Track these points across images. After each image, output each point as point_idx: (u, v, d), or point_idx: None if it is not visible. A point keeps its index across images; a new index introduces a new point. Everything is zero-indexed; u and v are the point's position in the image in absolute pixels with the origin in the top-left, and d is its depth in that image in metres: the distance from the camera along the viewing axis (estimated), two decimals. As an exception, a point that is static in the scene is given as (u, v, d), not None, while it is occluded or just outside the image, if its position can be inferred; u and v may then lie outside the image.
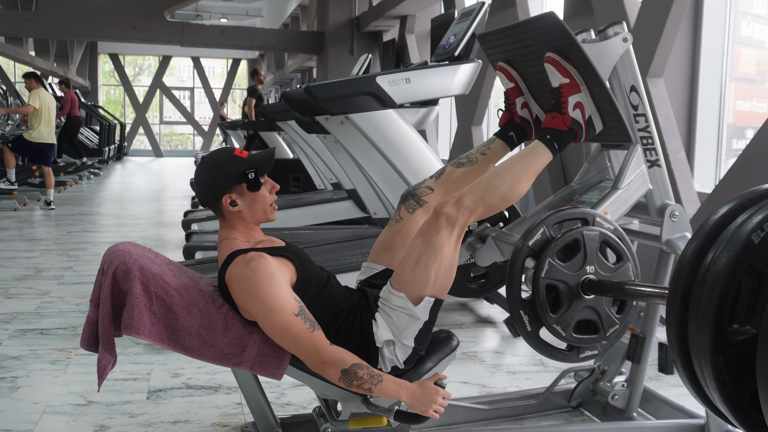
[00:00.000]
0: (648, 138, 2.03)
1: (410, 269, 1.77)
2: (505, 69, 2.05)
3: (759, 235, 1.11)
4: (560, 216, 1.76)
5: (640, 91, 2.01)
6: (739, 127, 4.38)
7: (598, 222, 1.77)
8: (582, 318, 1.73)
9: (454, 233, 1.76)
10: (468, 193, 1.78)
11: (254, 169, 1.83)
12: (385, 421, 1.88)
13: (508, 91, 2.06)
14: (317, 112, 3.38)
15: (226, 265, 1.79)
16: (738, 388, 1.11)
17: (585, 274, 1.72)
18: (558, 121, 1.84)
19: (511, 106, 2.05)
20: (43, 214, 7.75)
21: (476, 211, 1.78)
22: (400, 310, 1.78)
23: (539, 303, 1.69)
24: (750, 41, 4.33)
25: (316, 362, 1.72)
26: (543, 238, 1.71)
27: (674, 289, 1.20)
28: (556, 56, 1.83)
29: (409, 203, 2.04)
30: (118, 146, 19.05)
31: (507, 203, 1.84)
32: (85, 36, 14.01)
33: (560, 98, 1.84)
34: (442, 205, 1.76)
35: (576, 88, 1.84)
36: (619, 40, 1.95)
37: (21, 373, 2.76)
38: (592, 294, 1.72)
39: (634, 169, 2.02)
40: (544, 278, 1.69)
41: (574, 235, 1.71)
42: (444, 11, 8.72)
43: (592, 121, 1.87)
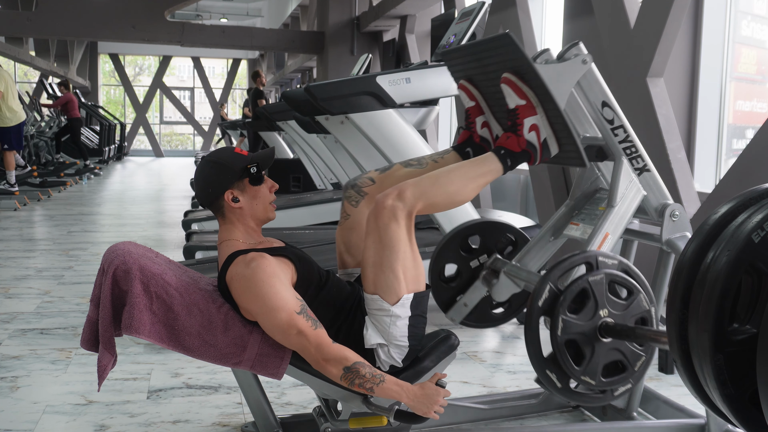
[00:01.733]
0: (631, 147, 2.03)
1: (374, 273, 1.75)
2: (466, 87, 2.02)
3: (759, 235, 1.11)
4: (563, 267, 1.76)
5: (612, 105, 2.02)
6: (740, 127, 4.38)
7: (602, 262, 1.77)
8: (608, 361, 1.75)
9: (402, 225, 1.72)
10: (411, 185, 1.74)
11: (256, 163, 1.85)
12: (385, 421, 1.88)
13: (468, 110, 2.03)
14: (317, 112, 3.38)
15: (226, 266, 1.80)
16: (738, 387, 1.11)
17: (600, 318, 1.74)
18: (512, 142, 1.81)
19: (471, 124, 2.02)
20: (43, 214, 7.75)
21: (417, 204, 1.73)
22: (381, 313, 1.77)
23: (562, 360, 1.71)
24: (750, 41, 4.34)
25: (318, 360, 1.72)
26: (551, 296, 1.73)
27: (674, 288, 1.21)
28: (512, 77, 1.81)
29: (350, 194, 2.01)
30: (118, 146, 19.06)
31: (449, 206, 1.81)
32: (86, 36, 14.02)
33: (516, 119, 1.81)
34: (383, 198, 1.73)
35: (532, 110, 1.81)
36: (578, 62, 1.94)
37: (21, 373, 2.76)
38: (611, 338, 1.74)
39: (624, 182, 2.03)
40: (561, 336, 1.71)
41: (581, 285, 1.73)
42: (444, 11, 8.72)
43: (548, 144, 1.84)
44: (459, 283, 2.33)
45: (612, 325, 1.73)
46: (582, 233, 2.15)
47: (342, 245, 2.02)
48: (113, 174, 14.68)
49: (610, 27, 4.16)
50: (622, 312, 1.75)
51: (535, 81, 1.78)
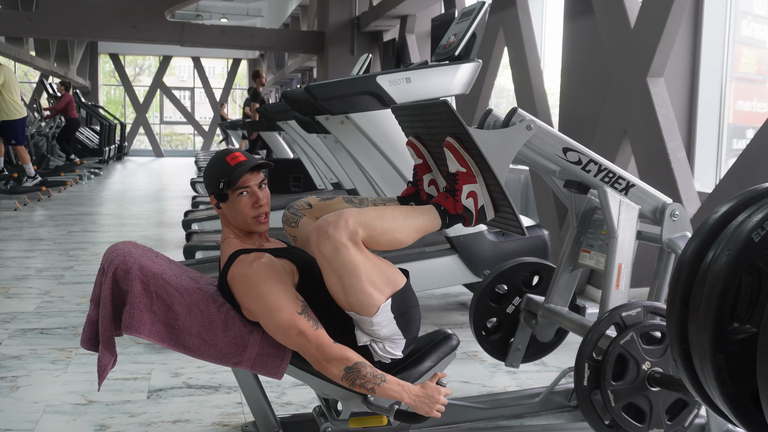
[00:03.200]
0: (607, 174, 2.07)
1: (346, 300, 1.71)
2: (414, 145, 2.02)
3: (759, 234, 1.11)
4: (593, 341, 1.83)
5: (573, 147, 2.05)
6: (740, 127, 4.38)
7: (627, 318, 1.83)
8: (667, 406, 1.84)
9: (349, 246, 1.65)
10: (355, 213, 1.69)
11: (223, 180, 1.82)
12: (385, 421, 1.89)
13: (416, 167, 2.02)
14: (317, 112, 3.38)
15: (228, 265, 1.80)
16: (738, 386, 1.11)
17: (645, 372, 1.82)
18: (450, 204, 1.82)
19: (418, 182, 2.01)
20: (43, 214, 7.75)
21: (359, 231, 1.67)
22: (364, 324, 1.76)
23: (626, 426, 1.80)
24: (750, 41, 4.33)
25: (319, 360, 1.72)
26: (593, 372, 1.81)
27: (675, 288, 1.20)
28: (454, 143, 1.81)
29: (287, 218, 1.99)
30: (119, 146, 19.05)
31: (387, 243, 1.74)
32: (86, 36, 14.02)
33: (455, 185, 1.82)
34: (325, 225, 1.66)
35: (471, 178, 1.81)
36: (523, 128, 1.95)
37: (21, 373, 2.76)
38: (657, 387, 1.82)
39: (615, 209, 2.08)
40: (616, 406, 1.79)
41: (616, 351, 1.80)
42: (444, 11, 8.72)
43: (484, 210, 1.84)
44: (504, 332, 2.51)
45: (659, 377, 1.80)
46: (596, 263, 2.23)
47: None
48: (113, 174, 14.67)
49: (610, 27, 4.16)
50: (663, 356, 1.82)
51: (474, 150, 1.78)
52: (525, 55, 5.22)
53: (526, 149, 2.03)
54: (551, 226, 4.61)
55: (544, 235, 3.63)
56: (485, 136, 1.91)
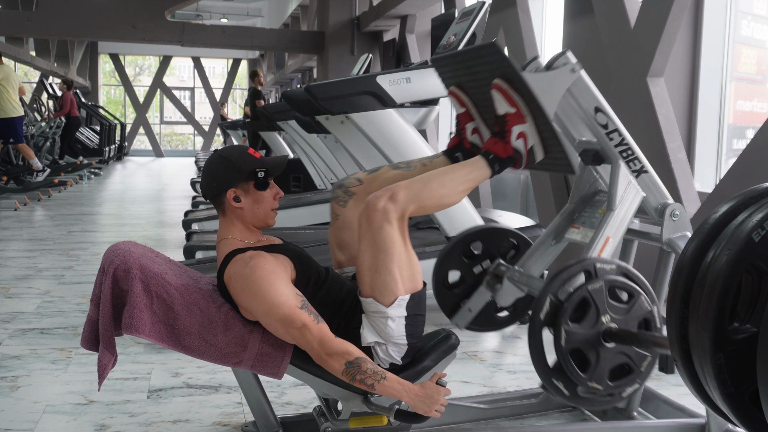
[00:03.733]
0: (627, 150, 2.04)
1: (371, 276, 1.74)
2: (456, 94, 2.03)
3: (759, 234, 1.11)
4: (562, 278, 1.78)
5: (605, 110, 2.02)
6: (740, 127, 4.38)
7: (600, 269, 1.79)
8: (613, 365, 1.77)
9: (395, 227, 1.72)
10: (403, 188, 1.74)
11: (265, 168, 1.84)
12: (385, 421, 1.89)
13: (458, 116, 2.03)
14: (318, 112, 3.38)
15: (224, 265, 1.80)
16: (738, 386, 1.11)
17: (603, 325, 1.76)
18: (500, 148, 1.82)
19: (461, 131, 2.02)
20: (43, 214, 7.75)
21: (409, 207, 1.73)
22: (377, 315, 1.77)
23: (568, 369, 1.74)
24: (750, 41, 4.33)
25: (321, 354, 1.72)
26: (552, 307, 1.75)
27: (675, 287, 1.20)
28: (503, 84, 1.82)
29: (338, 195, 2.02)
30: (119, 146, 19.05)
31: (439, 208, 1.82)
32: (86, 36, 14.03)
33: (504, 126, 1.82)
34: (375, 199, 1.72)
35: (521, 119, 1.82)
36: (567, 71, 1.94)
37: (21, 373, 2.76)
38: (614, 342, 1.76)
39: (622, 185, 2.04)
40: (565, 346, 1.73)
41: (581, 294, 1.75)
42: (444, 11, 8.72)
43: (534, 151, 1.85)
44: (463, 289, 2.36)
45: (615, 331, 1.75)
46: (583, 237, 2.16)
47: (335, 245, 2.03)
48: (113, 174, 14.68)
49: (611, 27, 4.16)
50: (625, 316, 1.77)
51: (524, 89, 1.79)
52: (525, 55, 5.22)
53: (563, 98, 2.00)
54: (551, 226, 4.60)
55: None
56: (531, 78, 1.90)
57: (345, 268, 2.02)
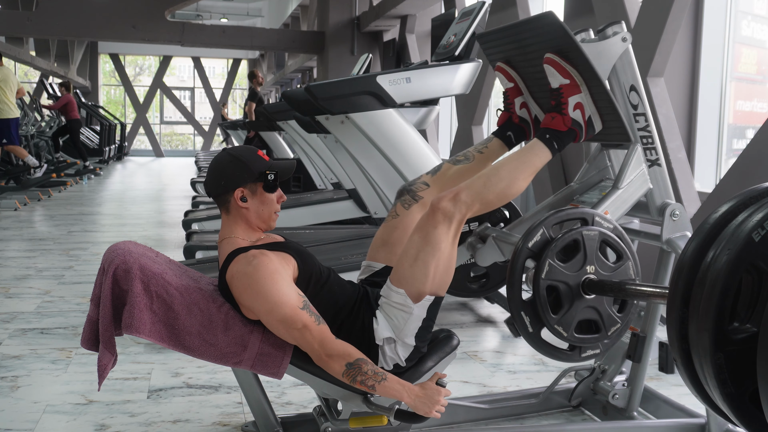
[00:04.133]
0: (648, 137, 2.03)
1: (409, 265, 1.77)
2: (504, 69, 2.04)
3: (759, 234, 1.11)
4: (560, 216, 1.76)
5: (639, 91, 2.01)
6: (740, 127, 4.38)
7: (598, 221, 1.77)
8: (583, 318, 1.73)
9: (452, 229, 1.76)
10: (465, 188, 1.78)
11: (275, 171, 1.85)
12: (385, 420, 1.89)
13: (507, 91, 2.05)
14: (318, 112, 3.38)
15: (227, 264, 1.80)
16: (738, 386, 1.11)
17: (585, 274, 1.72)
18: (558, 122, 1.84)
19: (510, 105, 2.04)
20: (43, 214, 7.75)
21: (473, 206, 1.77)
22: (400, 307, 1.79)
23: (540, 304, 1.69)
24: (750, 41, 4.33)
25: (321, 355, 1.72)
26: (543, 239, 1.72)
27: (675, 287, 1.20)
28: (555, 57, 1.83)
29: (405, 198, 2.04)
30: (119, 146, 19.05)
31: (504, 200, 1.84)
32: (86, 36, 14.03)
33: (560, 99, 1.83)
34: (438, 200, 1.76)
35: (576, 89, 1.83)
36: (618, 40, 1.94)
37: (21, 373, 2.76)
38: (593, 294, 1.72)
39: (634, 169, 2.02)
40: (545, 279, 1.69)
41: (574, 235, 1.72)
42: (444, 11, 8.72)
43: (592, 122, 1.87)
44: None
45: (596, 281, 1.72)
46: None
47: (380, 239, 2.04)
48: (113, 174, 14.67)
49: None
50: (609, 273, 1.75)
51: (580, 59, 1.79)
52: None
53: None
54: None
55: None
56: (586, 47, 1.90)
57: (375, 263, 2.03)
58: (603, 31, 1.98)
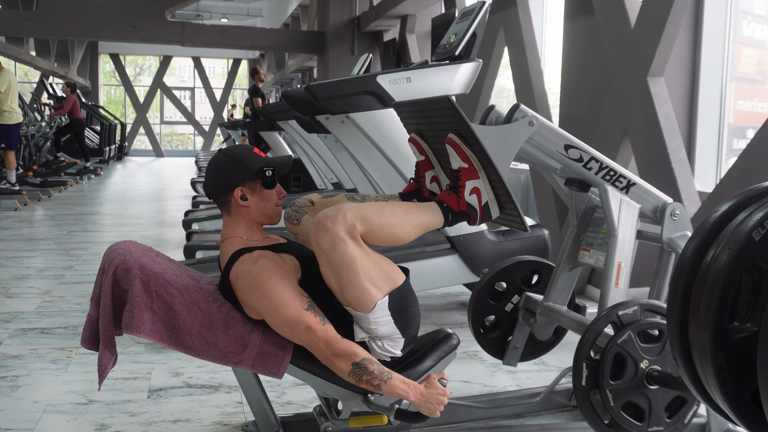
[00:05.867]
0: (609, 172, 2.07)
1: (342, 294, 1.71)
2: (417, 141, 2.00)
3: (760, 233, 1.11)
4: (590, 340, 1.83)
5: (575, 144, 2.05)
6: (740, 127, 4.37)
7: (624, 316, 1.83)
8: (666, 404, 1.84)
9: (348, 241, 1.65)
10: (353, 207, 1.68)
11: (272, 167, 1.85)
12: (385, 420, 1.89)
13: (418, 164, 2.00)
14: (318, 112, 3.38)
15: (230, 264, 1.79)
16: (739, 385, 1.11)
17: (643, 371, 1.82)
18: (453, 201, 1.80)
19: (420, 179, 1.99)
20: (44, 214, 7.75)
21: (357, 225, 1.66)
22: (362, 320, 1.76)
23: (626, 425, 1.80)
24: (751, 41, 4.33)
25: (327, 355, 1.72)
26: (591, 371, 1.81)
27: (675, 286, 1.20)
28: (456, 139, 1.79)
29: (289, 215, 1.99)
30: (119, 146, 19.07)
31: (387, 238, 1.73)
32: (86, 36, 14.02)
33: (458, 181, 1.80)
34: (323, 219, 1.66)
35: (474, 174, 1.79)
36: (525, 124, 1.96)
37: (22, 372, 2.76)
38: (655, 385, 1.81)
39: (615, 207, 2.08)
40: (615, 406, 1.79)
41: (613, 350, 1.79)
42: (445, 11, 8.73)
43: (488, 207, 1.82)
44: (502, 330, 2.51)
45: (657, 375, 1.79)
46: (596, 261, 2.23)
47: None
48: (114, 174, 14.67)
49: (611, 27, 4.15)
50: (661, 354, 1.82)
51: (477, 146, 1.77)
52: (525, 54, 5.22)
53: (528, 146, 2.03)
54: (551, 226, 4.61)
55: (545, 234, 3.63)
56: (487, 132, 1.91)
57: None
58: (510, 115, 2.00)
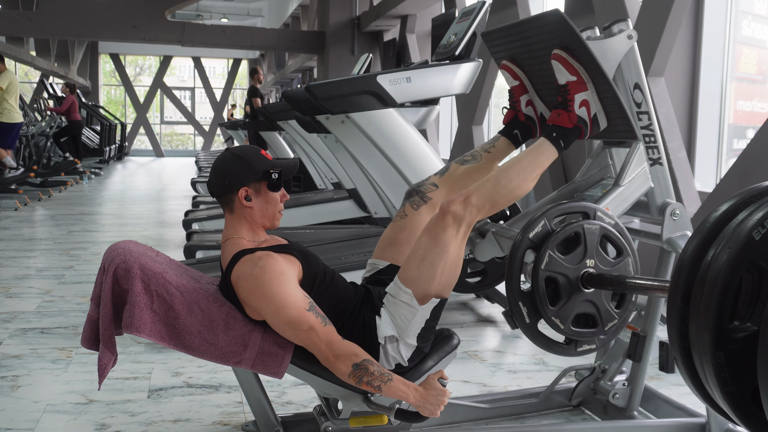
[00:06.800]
0: (651, 136, 2.03)
1: (416, 266, 1.77)
2: (510, 67, 2.05)
3: (760, 232, 1.11)
4: (561, 209, 1.76)
5: (643, 89, 2.01)
6: (740, 127, 4.38)
7: (599, 216, 1.77)
8: (581, 311, 1.74)
9: (461, 231, 1.76)
10: (475, 191, 1.78)
11: (279, 170, 1.86)
12: (385, 420, 1.89)
13: (512, 89, 2.05)
14: (318, 112, 3.38)
15: (232, 264, 1.79)
16: (739, 385, 1.11)
17: (585, 267, 1.73)
18: (564, 118, 1.84)
19: (515, 103, 2.05)
20: (44, 214, 7.75)
21: (483, 209, 1.78)
22: (405, 306, 1.79)
23: (538, 295, 1.69)
24: (751, 41, 4.33)
25: (328, 356, 1.72)
26: (543, 231, 1.72)
27: (675, 286, 1.20)
28: (563, 53, 1.83)
29: (414, 200, 2.04)
30: (119, 146, 19.07)
31: (513, 201, 1.84)
32: (86, 36, 14.03)
33: (567, 95, 1.84)
34: (449, 203, 1.76)
35: (583, 86, 1.84)
36: (624, 38, 1.94)
37: (22, 372, 2.76)
38: (592, 287, 1.72)
39: (636, 167, 2.02)
40: (544, 270, 1.69)
41: (575, 228, 1.72)
42: (445, 10, 8.73)
43: (597, 119, 1.87)
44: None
45: (596, 275, 1.72)
46: None
47: (387, 239, 2.04)
48: (114, 174, 14.67)
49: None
50: (608, 268, 1.75)
51: (587, 57, 1.80)
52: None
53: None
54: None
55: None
56: (592, 45, 1.89)
57: (380, 261, 2.03)
58: (609, 28, 1.98)
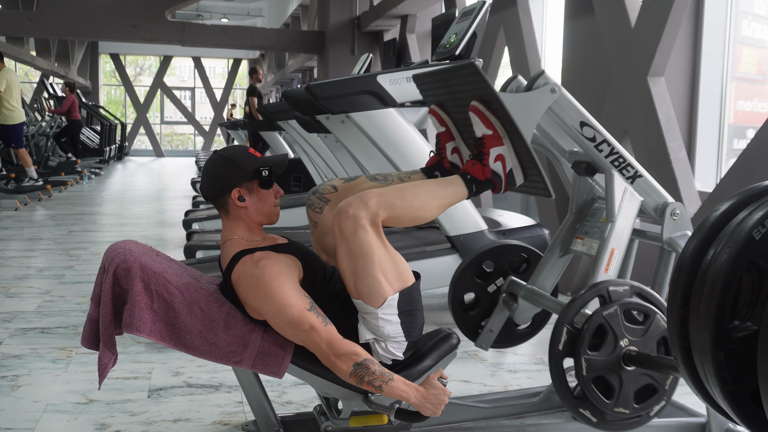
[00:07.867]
0: (618, 158, 2.06)
1: (354, 282, 1.73)
2: (437, 112, 2.00)
3: (760, 232, 1.11)
4: (576, 307, 1.81)
5: (590, 123, 2.03)
6: (740, 127, 4.37)
7: (613, 292, 1.81)
8: (637, 388, 1.80)
9: (369, 230, 1.69)
10: (375, 194, 1.71)
11: (269, 167, 1.85)
12: (386, 419, 1.88)
13: (438, 135, 2.01)
14: (318, 111, 3.38)
15: (232, 265, 1.79)
16: (739, 384, 1.11)
17: (622, 349, 1.78)
18: (478, 170, 1.80)
19: (441, 150, 1.99)
20: (44, 214, 7.75)
21: (380, 212, 1.69)
22: (369, 316, 1.77)
23: (593, 398, 1.77)
24: (751, 41, 4.33)
25: (329, 356, 1.72)
26: (570, 337, 1.78)
27: (675, 286, 1.20)
28: (480, 106, 1.79)
29: (312, 202, 2.00)
30: (119, 146, 19.06)
31: (411, 220, 1.76)
32: (86, 36, 14.03)
33: (482, 149, 1.80)
34: (346, 206, 1.69)
35: (498, 140, 1.80)
36: (547, 91, 1.94)
37: (22, 372, 2.76)
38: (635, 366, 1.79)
39: (618, 195, 2.06)
40: (587, 375, 1.76)
41: (597, 321, 1.77)
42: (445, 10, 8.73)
43: (513, 174, 1.82)
44: (480, 310, 2.45)
45: (634, 355, 1.77)
46: (588, 248, 2.19)
47: (320, 251, 2.02)
48: (114, 174, 14.67)
49: (611, 26, 4.15)
50: (642, 337, 1.80)
51: (501, 111, 1.76)
52: (525, 54, 5.22)
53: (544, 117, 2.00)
54: (552, 226, 4.61)
55: (545, 234, 3.63)
56: (510, 99, 1.88)
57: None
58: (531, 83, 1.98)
